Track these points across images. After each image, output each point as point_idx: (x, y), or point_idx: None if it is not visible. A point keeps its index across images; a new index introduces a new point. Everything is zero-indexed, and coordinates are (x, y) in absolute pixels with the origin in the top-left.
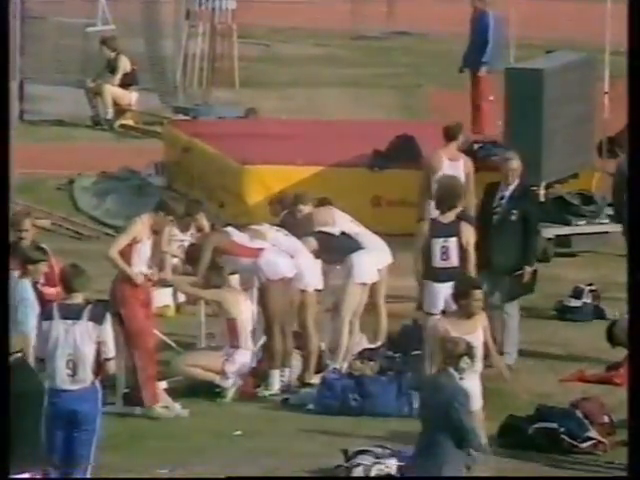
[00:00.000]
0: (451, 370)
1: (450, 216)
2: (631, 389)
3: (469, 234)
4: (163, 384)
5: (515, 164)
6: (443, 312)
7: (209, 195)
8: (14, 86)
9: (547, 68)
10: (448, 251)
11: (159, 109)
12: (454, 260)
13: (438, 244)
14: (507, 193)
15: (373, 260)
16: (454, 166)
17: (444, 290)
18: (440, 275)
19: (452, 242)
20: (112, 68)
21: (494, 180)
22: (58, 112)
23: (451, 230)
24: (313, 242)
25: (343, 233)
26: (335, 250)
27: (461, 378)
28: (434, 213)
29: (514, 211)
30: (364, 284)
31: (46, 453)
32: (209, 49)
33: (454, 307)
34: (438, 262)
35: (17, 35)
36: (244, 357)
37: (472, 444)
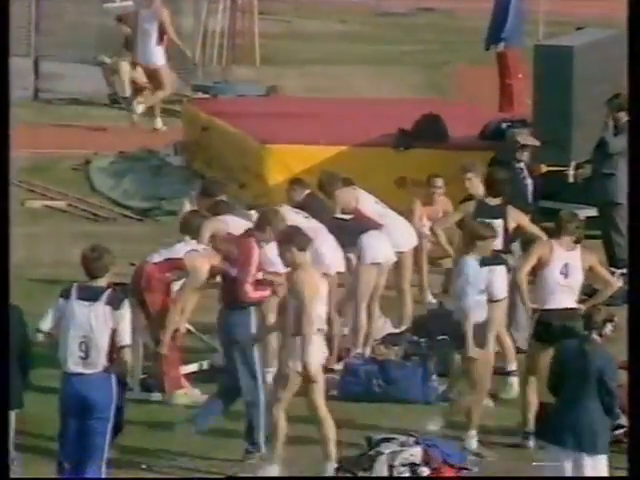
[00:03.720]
0: (595, 336)
1: (496, 200)
2: (631, 389)
3: (517, 217)
4: (184, 369)
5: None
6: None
7: (229, 175)
8: (29, 64)
9: (577, 45)
10: None
11: (178, 87)
12: (498, 243)
13: None
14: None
15: (387, 241)
16: None
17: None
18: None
19: (497, 224)
20: (129, 45)
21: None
22: (74, 90)
23: (497, 212)
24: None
25: (353, 218)
26: (347, 234)
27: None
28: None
29: None
30: (378, 265)
31: (60, 443)
32: (229, 25)
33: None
34: None
35: (32, 11)
36: None
37: (617, 413)
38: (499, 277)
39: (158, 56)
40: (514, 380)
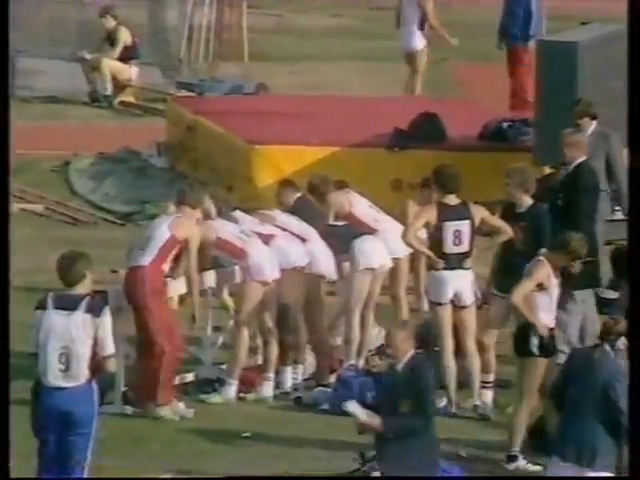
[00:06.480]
0: (607, 347)
1: (455, 199)
2: (631, 388)
3: (480, 213)
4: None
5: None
6: (452, 301)
7: (216, 177)
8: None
9: (582, 41)
10: (461, 235)
11: (162, 85)
12: (466, 245)
13: (450, 228)
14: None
15: (380, 246)
16: None
17: (453, 278)
18: (451, 262)
19: (465, 225)
20: (112, 40)
21: (522, 162)
22: (52, 88)
23: (461, 213)
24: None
25: (347, 224)
26: (339, 240)
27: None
28: (435, 197)
29: (560, 195)
30: (371, 270)
31: (39, 459)
32: (216, 20)
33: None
34: (450, 247)
35: (9, 5)
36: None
37: (623, 431)
38: (467, 282)
39: (417, 41)
40: None
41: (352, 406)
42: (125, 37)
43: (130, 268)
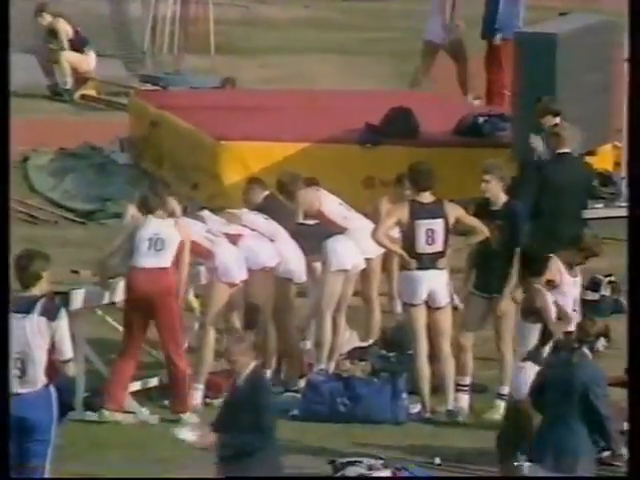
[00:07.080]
0: (585, 350)
1: (429, 196)
2: (631, 389)
3: (455, 211)
4: (133, 386)
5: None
6: (426, 303)
7: (181, 175)
8: None
9: (561, 32)
10: (434, 234)
11: (124, 78)
12: (439, 245)
13: (423, 227)
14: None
15: (353, 246)
16: None
17: (427, 278)
18: (424, 261)
19: (438, 224)
20: (54, 35)
21: (499, 157)
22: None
23: (435, 211)
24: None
25: (318, 223)
26: (310, 240)
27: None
28: (409, 194)
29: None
30: (344, 272)
31: None
32: (181, 10)
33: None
34: (422, 247)
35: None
36: None
37: (608, 435)
38: (441, 282)
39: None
40: (502, 404)
41: (179, 432)
42: (64, 29)
43: (150, 268)
